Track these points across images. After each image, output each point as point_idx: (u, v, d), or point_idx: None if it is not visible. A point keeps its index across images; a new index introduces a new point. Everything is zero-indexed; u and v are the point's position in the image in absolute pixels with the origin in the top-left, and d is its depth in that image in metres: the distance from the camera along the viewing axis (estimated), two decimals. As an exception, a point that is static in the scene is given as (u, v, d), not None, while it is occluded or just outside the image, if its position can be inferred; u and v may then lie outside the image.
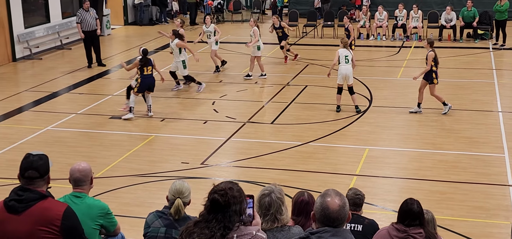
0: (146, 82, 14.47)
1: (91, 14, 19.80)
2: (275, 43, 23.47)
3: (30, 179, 4.52)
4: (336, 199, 3.82)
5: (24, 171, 4.54)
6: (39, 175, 4.54)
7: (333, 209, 3.79)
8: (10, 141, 13.22)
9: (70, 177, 5.59)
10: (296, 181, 10.66)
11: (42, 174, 4.56)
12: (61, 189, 6.94)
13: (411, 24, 23.67)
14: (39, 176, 4.54)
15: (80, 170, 5.57)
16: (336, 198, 3.82)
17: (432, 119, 14.18)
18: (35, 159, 4.57)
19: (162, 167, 11.55)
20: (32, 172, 4.52)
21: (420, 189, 10.46)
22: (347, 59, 14.29)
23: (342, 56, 14.30)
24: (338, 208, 3.80)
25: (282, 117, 14.45)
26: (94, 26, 19.89)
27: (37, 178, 4.53)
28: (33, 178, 4.52)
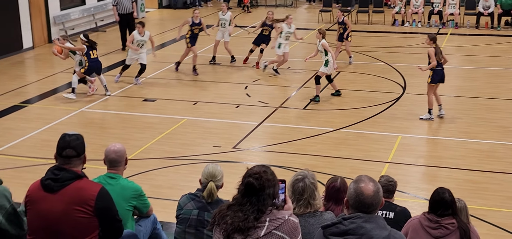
0: (93, 66, 14.78)
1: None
2: (308, 28, 23.39)
3: (67, 158, 4.58)
4: (370, 185, 3.80)
5: (61, 150, 4.60)
6: (76, 154, 4.61)
7: (367, 195, 3.78)
8: (45, 121, 13.42)
9: (105, 158, 5.66)
10: (327, 167, 10.63)
11: (79, 153, 4.63)
12: (95, 170, 7.04)
13: (447, 11, 23.33)
14: (76, 154, 4.60)
15: (115, 151, 5.63)
16: (370, 183, 3.81)
17: (467, 107, 13.99)
18: (72, 139, 4.63)
19: (194, 150, 11.62)
20: (70, 151, 4.58)
21: (453, 178, 10.35)
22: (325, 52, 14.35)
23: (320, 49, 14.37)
24: (372, 193, 3.78)
25: (314, 103, 14.39)
26: (129, 9, 20.04)
27: (74, 156, 4.60)
28: (70, 157, 4.58)
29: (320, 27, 14.36)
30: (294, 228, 3.84)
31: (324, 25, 23.83)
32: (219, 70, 17.40)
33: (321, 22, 24.48)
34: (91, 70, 14.85)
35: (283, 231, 3.79)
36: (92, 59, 14.75)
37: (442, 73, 12.85)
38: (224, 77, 16.72)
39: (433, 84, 12.85)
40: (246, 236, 3.77)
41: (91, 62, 14.73)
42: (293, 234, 3.82)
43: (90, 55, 14.74)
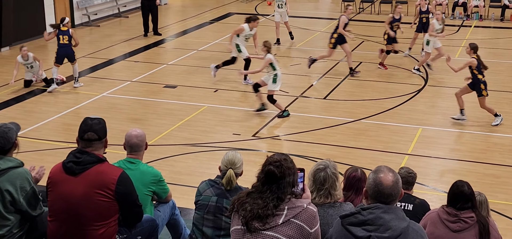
0: (60, 52, 14.42)
1: None
2: (330, 18, 23.27)
3: (89, 140, 4.63)
4: (389, 175, 3.78)
5: (83, 133, 4.65)
6: (98, 137, 4.65)
7: (387, 185, 3.76)
8: (67, 105, 13.54)
9: (126, 142, 5.69)
10: (347, 158, 10.60)
11: (100, 136, 4.67)
12: (115, 155, 7.09)
13: (472, 3, 23.07)
14: (97, 138, 4.65)
15: (137, 136, 5.67)
16: (390, 174, 3.79)
17: (490, 101, 13.82)
18: (95, 122, 4.68)
19: (213, 138, 11.65)
20: (91, 134, 4.63)
21: (474, 172, 10.27)
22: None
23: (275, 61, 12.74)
24: (391, 184, 3.76)
25: (335, 93, 14.35)
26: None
27: (96, 140, 4.64)
28: (92, 140, 4.63)
29: (266, 40, 13.04)
30: (313, 217, 3.84)
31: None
32: (240, 58, 17.36)
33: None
34: (59, 57, 14.41)
35: (301, 220, 3.79)
36: (59, 45, 14.40)
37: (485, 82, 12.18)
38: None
39: (486, 95, 12.18)
40: (265, 223, 3.78)
41: (58, 48, 14.41)
42: (311, 222, 3.82)
43: (59, 40, 14.41)
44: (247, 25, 15.17)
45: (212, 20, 22.99)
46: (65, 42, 14.39)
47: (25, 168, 4.92)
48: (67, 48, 14.41)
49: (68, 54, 14.47)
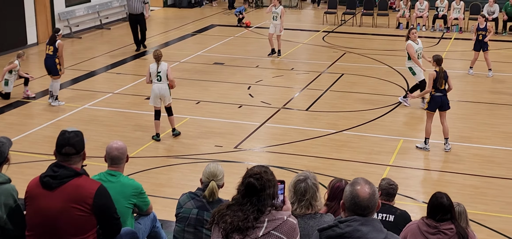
0: (45, 62, 14.18)
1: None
2: (312, 30, 23.41)
3: (66, 155, 4.58)
4: (365, 187, 3.79)
5: (60, 147, 4.60)
6: (76, 151, 4.60)
7: (363, 197, 3.77)
8: (47, 117, 13.47)
9: (107, 155, 5.67)
10: (329, 169, 10.65)
11: (78, 150, 4.62)
12: (96, 167, 7.07)
13: (452, 15, 23.30)
14: (75, 152, 4.60)
15: (118, 148, 5.65)
16: (366, 186, 3.80)
17: (468, 112, 13.99)
18: (71, 135, 4.62)
19: (195, 149, 11.65)
20: (69, 148, 4.58)
21: (454, 182, 10.36)
22: (160, 76, 11.86)
23: (153, 73, 11.92)
24: (368, 196, 3.78)
25: (317, 105, 14.41)
26: (139, 10, 19.56)
27: (73, 154, 4.59)
28: (69, 154, 4.58)
29: (157, 50, 12.23)
30: (293, 229, 3.86)
31: (328, 27, 23.86)
32: (222, 70, 17.42)
33: (325, 24, 24.48)
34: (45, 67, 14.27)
35: (281, 232, 3.81)
36: (46, 55, 14.14)
37: (441, 100, 11.49)
38: (227, 77, 16.73)
39: (430, 111, 11.56)
40: (245, 236, 3.79)
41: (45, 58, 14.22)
42: (292, 235, 3.84)
43: (46, 49, 14.18)
44: None
45: (195, 32, 23.02)
46: (50, 52, 14.05)
47: (11, 184, 4.88)
48: (48, 59, 14.05)
49: (48, 66, 14.09)
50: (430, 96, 11.50)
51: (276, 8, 18.45)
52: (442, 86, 11.45)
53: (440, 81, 11.39)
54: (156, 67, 11.85)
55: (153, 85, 11.91)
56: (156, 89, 11.86)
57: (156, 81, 11.86)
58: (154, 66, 11.90)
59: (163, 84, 11.86)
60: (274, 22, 18.54)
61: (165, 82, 11.87)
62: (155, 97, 11.94)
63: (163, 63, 11.94)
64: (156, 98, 11.93)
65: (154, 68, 11.88)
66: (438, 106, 11.52)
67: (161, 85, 11.86)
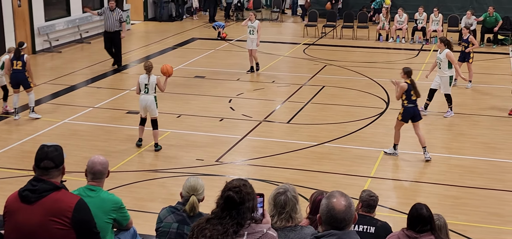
0: (12, 77, 14.04)
1: (114, 15, 18.84)
2: (293, 42, 23.50)
3: (45, 169, 4.54)
4: (341, 200, 3.79)
5: (39, 161, 4.56)
6: (55, 165, 4.56)
7: (339, 210, 3.77)
8: (27, 132, 13.34)
9: (89, 169, 5.61)
10: (310, 181, 10.65)
11: (57, 164, 4.58)
12: (77, 182, 7.01)
13: (431, 28, 23.51)
14: (54, 166, 4.55)
15: (101, 163, 5.60)
16: (342, 199, 3.79)
17: (449, 123, 14.09)
18: (50, 150, 4.59)
19: (177, 163, 11.60)
20: (48, 162, 4.54)
21: (435, 193, 10.42)
22: (147, 89, 12.07)
23: (142, 85, 12.11)
24: (344, 208, 3.77)
25: (298, 117, 14.44)
26: (115, 27, 18.89)
27: (52, 168, 4.55)
28: (48, 168, 4.54)
29: (148, 61, 12.53)
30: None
31: (309, 40, 23.96)
32: (203, 83, 17.41)
33: (306, 36, 24.60)
34: (12, 82, 14.08)
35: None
36: (12, 70, 13.98)
37: (414, 111, 11.68)
38: (208, 90, 16.72)
39: (402, 121, 11.80)
40: (225, 249, 3.77)
41: (11, 73, 14.03)
42: (271, 247, 3.82)
43: (12, 65, 13.98)
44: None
45: (175, 46, 22.99)
46: (18, 68, 13.92)
47: None
48: (18, 74, 13.91)
49: (20, 80, 13.97)
50: (403, 108, 11.69)
51: (252, 22, 18.33)
52: (414, 97, 11.64)
53: (413, 92, 11.59)
54: (146, 79, 12.05)
55: (140, 96, 12.15)
56: (142, 100, 12.10)
57: (143, 92, 12.08)
58: (144, 77, 12.11)
59: (149, 96, 12.06)
60: (250, 36, 18.38)
61: (151, 95, 12.06)
62: (141, 108, 12.22)
63: (153, 76, 12.11)
64: (142, 108, 12.19)
65: (143, 79, 12.09)
66: (410, 117, 11.70)
67: (147, 97, 12.05)
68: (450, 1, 27.53)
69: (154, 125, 12.16)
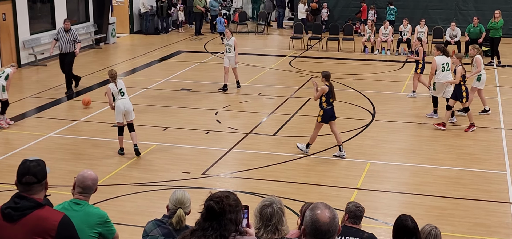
0: None
1: (68, 37, 17.68)
2: (279, 55, 23.56)
3: (27, 184, 4.46)
4: (326, 212, 3.78)
5: (21, 176, 4.48)
6: (37, 180, 4.48)
7: (324, 222, 3.76)
8: (12, 146, 13.25)
9: (80, 183, 5.55)
10: (297, 193, 10.65)
11: (39, 179, 4.50)
12: (62, 196, 6.96)
13: (416, 39, 23.63)
14: (36, 181, 4.47)
15: (92, 179, 5.56)
16: (326, 210, 3.78)
17: (434, 134, 14.16)
18: (33, 165, 4.51)
19: (163, 176, 11.56)
20: (30, 177, 4.46)
21: (421, 204, 10.44)
22: (123, 92, 12.43)
23: (115, 92, 12.39)
24: (328, 220, 3.76)
25: (284, 130, 14.45)
26: (69, 49, 17.69)
27: (35, 183, 4.47)
28: (30, 183, 4.46)
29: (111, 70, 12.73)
30: (258, 254, 3.84)
31: (295, 52, 24.04)
32: (189, 96, 17.39)
33: (292, 48, 24.67)
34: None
35: (247, 257, 3.78)
36: None
37: (332, 112, 12.41)
38: (194, 103, 16.71)
39: (322, 122, 12.46)
40: (209, 261, 3.75)
41: None
42: (257, 260, 3.82)
43: None
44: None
45: (161, 59, 22.97)
46: None
47: None
48: None
49: None
50: (322, 110, 12.36)
51: (228, 40, 17.80)
52: (332, 100, 12.36)
53: (332, 94, 12.28)
54: (116, 86, 12.36)
55: (118, 102, 12.38)
56: (121, 105, 12.37)
57: (120, 97, 12.38)
58: (113, 85, 12.39)
59: (126, 99, 12.54)
60: (227, 55, 17.80)
61: (128, 98, 12.59)
62: (119, 113, 12.42)
63: (119, 80, 12.54)
64: (121, 114, 12.42)
65: (114, 87, 12.38)
66: (329, 118, 12.41)
67: (125, 101, 12.48)
68: (434, 13, 27.78)
69: (131, 127, 12.54)
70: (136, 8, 28.65)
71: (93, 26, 25.25)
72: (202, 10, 28.70)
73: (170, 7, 29.11)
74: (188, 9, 30.44)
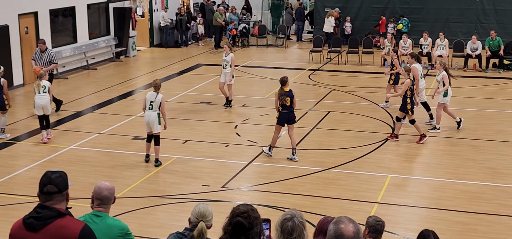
0: None
1: (44, 57, 17.02)
2: (298, 68, 23.56)
3: (49, 194, 4.51)
4: (350, 226, 3.76)
5: (43, 186, 4.54)
6: (58, 190, 4.52)
7: (348, 236, 3.74)
8: (34, 158, 13.36)
9: (96, 195, 5.59)
10: (317, 207, 10.61)
11: (61, 189, 4.55)
12: (82, 208, 6.99)
13: (436, 53, 23.53)
14: (57, 191, 4.52)
15: (108, 189, 5.59)
16: (350, 225, 3.77)
17: (455, 149, 14.04)
18: (55, 176, 4.56)
19: (182, 189, 11.58)
20: (51, 187, 4.51)
21: (442, 219, 10.35)
22: (152, 105, 12.73)
23: (147, 101, 12.80)
24: (352, 234, 3.74)
25: (304, 143, 14.42)
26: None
27: (56, 192, 4.52)
28: (52, 193, 4.51)
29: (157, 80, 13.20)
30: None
31: (314, 65, 24.03)
32: (209, 109, 17.42)
33: (311, 62, 24.66)
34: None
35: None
36: None
37: (288, 115, 13.06)
38: (214, 116, 16.74)
39: (279, 125, 13.21)
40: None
41: None
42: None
43: None
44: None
45: (181, 72, 23.07)
46: None
47: None
48: None
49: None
50: (279, 112, 13.09)
51: (226, 55, 17.30)
52: (288, 104, 12.98)
53: (282, 99, 12.97)
54: (153, 96, 12.76)
55: (146, 112, 12.83)
56: (146, 116, 12.82)
57: (148, 109, 12.79)
58: (151, 94, 12.83)
59: (152, 112, 12.75)
60: (224, 71, 17.29)
61: (155, 111, 12.74)
62: (145, 124, 12.90)
63: (159, 94, 12.77)
64: (146, 124, 12.86)
65: (150, 96, 12.81)
66: (286, 121, 13.12)
67: (150, 113, 12.76)
68: (455, 26, 27.59)
69: (156, 140, 12.83)
70: (156, 22, 28.84)
71: (113, 40, 25.44)
72: (222, 23, 28.82)
73: (190, 20, 29.25)
74: (207, 23, 30.57)
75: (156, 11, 28.84)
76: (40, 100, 14.24)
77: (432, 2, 27.73)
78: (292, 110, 13.15)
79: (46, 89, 14.40)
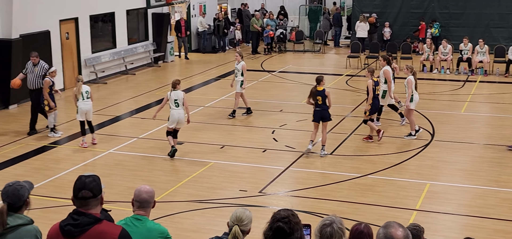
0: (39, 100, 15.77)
1: (36, 71, 15.84)
2: (336, 73, 23.44)
3: (84, 199, 4.52)
4: (399, 231, 3.76)
5: (77, 191, 4.55)
6: (93, 195, 4.53)
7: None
8: (73, 162, 13.54)
9: (136, 197, 5.64)
10: (354, 213, 10.51)
11: (95, 193, 4.55)
12: (121, 212, 7.05)
13: (476, 58, 23.18)
14: (92, 195, 4.53)
15: (147, 192, 5.64)
16: (400, 229, 3.76)
17: (496, 156, 13.78)
18: (88, 180, 4.56)
19: (220, 194, 11.60)
20: (86, 192, 4.52)
21: (483, 227, 10.15)
22: (177, 103, 13.40)
23: (171, 100, 13.43)
24: (402, 238, 3.74)
25: (341, 149, 14.32)
26: (38, 85, 15.80)
27: (91, 197, 4.52)
28: (86, 198, 4.52)
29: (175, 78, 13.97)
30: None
31: (351, 71, 23.88)
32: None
33: (348, 67, 24.51)
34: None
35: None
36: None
37: (320, 114, 13.56)
38: (251, 121, 16.75)
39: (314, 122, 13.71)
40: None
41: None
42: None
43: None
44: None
45: (218, 77, 23.16)
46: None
47: (34, 225, 4.87)
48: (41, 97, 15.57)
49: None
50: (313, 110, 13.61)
51: (237, 64, 16.91)
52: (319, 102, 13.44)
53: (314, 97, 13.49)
54: (175, 95, 13.45)
55: (172, 111, 13.47)
56: (176, 115, 13.47)
57: (174, 107, 13.44)
58: (174, 93, 13.48)
59: (181, 109, 13.48)
60: (236, 79, 16.97)
61: (182, 108, 13.48)
62: (173, 122, 13.55)
63: (180, 91, 13.53)
64: (174, 122, 13.55)
65: (173, 95, 13.45)
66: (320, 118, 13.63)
67: (179, 111, 13.47)
68: (496, 32, 27.11)
69: (175, 134, 13.81)
70: (194, 27, 29.03)
71: (152, 45, 25.69)
72: (259, 29, 28.86)
73: (228, 26, 29.38)
74: (245, 28, 30.66)
75: (194, 17, 29.03)
76: (84, 105, 14.44)
77: (472, 7, 27.30)
78: (325, 109, 13.47)
79: (89, 94, 14.60)
